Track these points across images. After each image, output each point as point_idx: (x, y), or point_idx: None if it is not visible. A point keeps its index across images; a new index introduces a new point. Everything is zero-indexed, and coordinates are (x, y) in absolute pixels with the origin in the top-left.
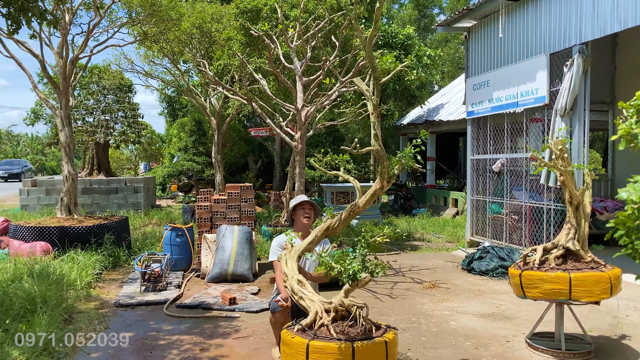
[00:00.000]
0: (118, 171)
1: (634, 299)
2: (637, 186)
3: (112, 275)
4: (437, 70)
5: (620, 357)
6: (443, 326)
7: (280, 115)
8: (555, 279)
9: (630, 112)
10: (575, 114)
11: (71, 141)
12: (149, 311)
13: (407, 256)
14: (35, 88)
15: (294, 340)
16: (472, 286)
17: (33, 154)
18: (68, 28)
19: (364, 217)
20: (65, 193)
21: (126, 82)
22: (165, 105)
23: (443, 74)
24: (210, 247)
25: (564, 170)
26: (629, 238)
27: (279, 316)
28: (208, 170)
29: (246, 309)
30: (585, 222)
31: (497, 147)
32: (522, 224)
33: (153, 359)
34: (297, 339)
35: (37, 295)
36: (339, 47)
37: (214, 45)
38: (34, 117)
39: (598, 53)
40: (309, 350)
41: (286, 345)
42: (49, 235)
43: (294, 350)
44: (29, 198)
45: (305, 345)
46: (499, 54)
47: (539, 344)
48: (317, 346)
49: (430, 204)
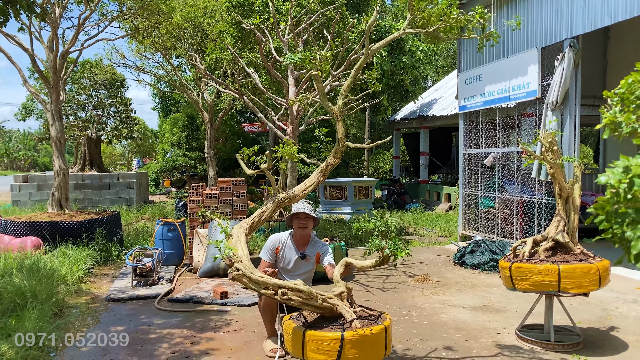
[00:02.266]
0: (111, 167)
1: (623, 291)
2: (615, 170)
3: (104, 270)
4: (430, 65)
5: (609, 348)
6: (434, 319)
7: (273, 109)
8: (544, 271)
9: (614, 101)
10: (566, 108)
11: (62, 136)
12: (140, 305)
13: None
14: (26, 82)
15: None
16: (463, 279)
17: (25, 150)
18: (58, 21)
19: (357, 212)
20: (57, 188)
21: (118, 77)
22: (158, 101)
23: (437, 69)
24: (203, 241)
25: (553, 163)
26: (608, 223)
27: (267, 298)
28: (201, 165)
29: (238, 303)
30: (574, 215)
31: (489, 142)
32: (513, 217)
33: (143, 352)
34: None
35: (27, 290)
36: (331, 41)
37: (206, 39)
38: (25, 113)
39: (590, 47)
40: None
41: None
42: (39, 230)
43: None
44: (20, 193)
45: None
46: (491, 48)
47: (528, 335)
48: None
49: (424, 199)
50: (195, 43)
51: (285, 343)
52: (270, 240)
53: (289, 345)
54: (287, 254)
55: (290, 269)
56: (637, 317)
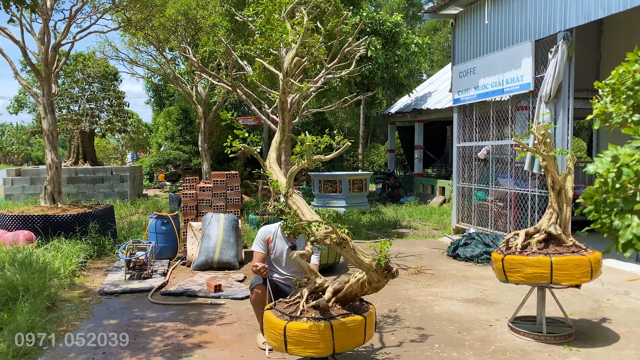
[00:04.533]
0: (105, 161)
1: (615, 283)
2: (604, 160)
3: (97, 264)
4: (425, 59)
5: (601, 339)
6: (427, 311)
7: (267, 102)
8: (536, 263)
9: (605, 92)
10: (559, 100)
11: (54, 129)
12: (134, 299)
13: (394, 243)
14: (17, 75)
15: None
16: (456, 272)
17: (18, 144)
18: (49, 13)
19: (352, 206)
20: (49, 182)
21: (111, 70)
22: (152, 94)
23: (432, 62)
24: (196, 235)
25: (546, 155)
26: (597, 213)
27: (258, 291)
28: (195, 159)
29: (231, 296)
30: (567, 207)
31: (483, 135)
32: (507, 210)
33: (136, 345)
34: None
35: (19, 284)
36: (324, 33)
37: (200, 32)
38: (17, 106)
39: (583, 40)
40: None
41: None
42: (32, 224)
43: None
44: (13, 187)
45: None
46: (485, 41)
47: (521, 327)
48: None
49: (418, 193)
50: (188, 35)
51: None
52: (261, 231)
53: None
54: (278, 244)
55: (281, 260)
56: (628, 308)
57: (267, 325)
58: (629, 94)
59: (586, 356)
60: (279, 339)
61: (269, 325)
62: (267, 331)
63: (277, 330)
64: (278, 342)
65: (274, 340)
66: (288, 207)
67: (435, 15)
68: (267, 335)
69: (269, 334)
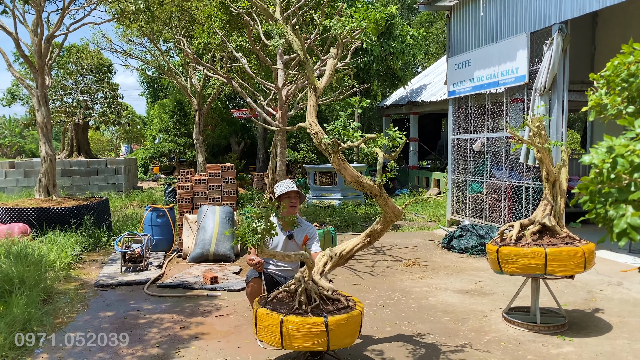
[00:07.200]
0: (99, 153)
1: (609, 274)
2: (599, 150)
3: (93, 256)
4: (420, 51)
5: (594, 329)
6: (422, 302)
7: (262, 95)
8: (531, 254)
9: (600, 84)
10: (554, 93)
11: (48, 121)
12: (130, 291)
13: (389, 235)
14: (10, 67)
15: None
16: (451, 263)
17: (11, 137)
18: (43, 4)
19: (347, 198)
20: (44, 174)
21: (105, 62)
22: (146, 87)
23: (427, 54)
24: (192, 227)
25: (541, 147)
26: (592, 203)
27: (254, 284)
28: (190, 151)
29: (227, 288)
30: (561, 199)
31: (478, 127)
32: (501, 202)
33: (133, 337)
34: None
35: (15, 276)
36: (320, 24)
37: (194, 23)
38: (10, 98)
39: (578, 33)
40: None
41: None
42: (26, 216)
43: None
44: (7, 180)
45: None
46: (480, 33)
47: (515, 318)
48: None
49: (413, 185)
50: (183, 27)
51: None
52: None
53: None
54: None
55: (278, 251)
56: (621, 299)
57: (261, 323)
58: (624, 86)
59: (579, 346)
60: (275, 334)
61: (262, 323)
62: (260, 329)
63: (274, 324)
64: (275, 337)
65: (271, 336)
66: None
67: (430, 7)
68: (259, 333)
69: (262, 332)
